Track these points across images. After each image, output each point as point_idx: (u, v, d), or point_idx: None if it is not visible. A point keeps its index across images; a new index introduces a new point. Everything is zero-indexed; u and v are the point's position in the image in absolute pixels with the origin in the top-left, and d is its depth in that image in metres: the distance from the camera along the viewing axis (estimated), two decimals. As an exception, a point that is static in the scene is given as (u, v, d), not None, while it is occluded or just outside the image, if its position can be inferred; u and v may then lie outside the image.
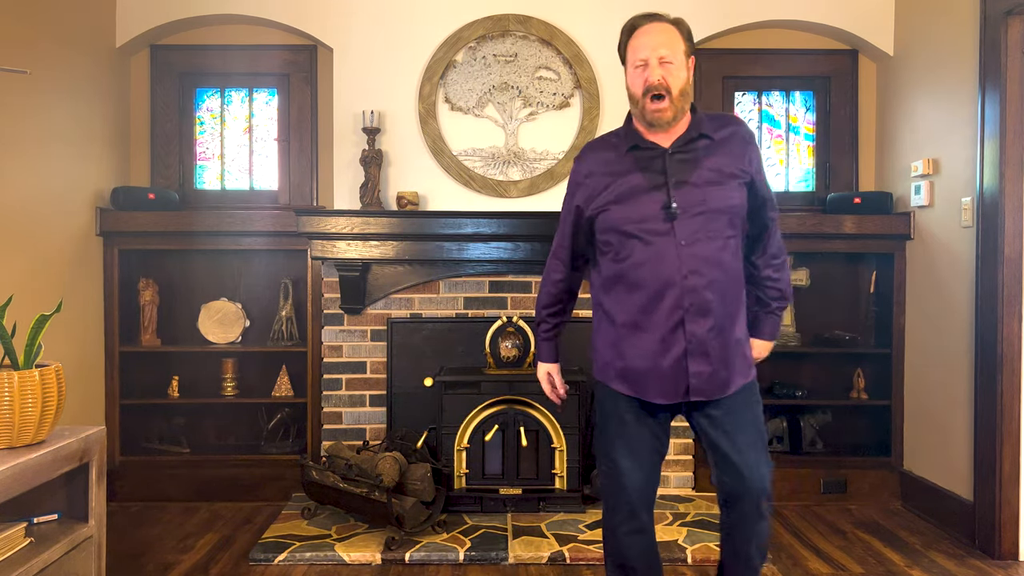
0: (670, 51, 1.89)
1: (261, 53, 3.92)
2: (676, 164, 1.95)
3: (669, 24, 1.94)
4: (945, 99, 3.38)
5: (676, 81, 1.89)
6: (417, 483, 3.20)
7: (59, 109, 3.28)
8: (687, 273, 1.90)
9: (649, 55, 1.89)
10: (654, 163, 1.96)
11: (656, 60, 1.89)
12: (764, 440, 2.05)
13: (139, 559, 2.96)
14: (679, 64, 1.91)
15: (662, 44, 1.89)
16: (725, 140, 1.97)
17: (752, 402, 2.03)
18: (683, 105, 1.93)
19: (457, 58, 3.73)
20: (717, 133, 1.97)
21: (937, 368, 3.45)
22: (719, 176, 1.94)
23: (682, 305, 1.91)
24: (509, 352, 3.51)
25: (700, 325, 1.92)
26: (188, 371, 3.85)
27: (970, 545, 3.13)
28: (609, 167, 2.00)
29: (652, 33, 1.91)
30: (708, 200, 1.91)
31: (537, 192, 3.71)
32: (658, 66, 1.89)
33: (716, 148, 1.96)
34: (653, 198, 1.92)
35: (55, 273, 3.27)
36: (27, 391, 1.89)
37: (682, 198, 1.91)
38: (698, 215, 1.90)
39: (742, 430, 1.99)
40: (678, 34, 1.94)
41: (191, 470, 3.67)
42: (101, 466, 2.12)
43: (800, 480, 3.71)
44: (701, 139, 1.97)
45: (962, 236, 3.25)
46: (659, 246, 1.91)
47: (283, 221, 3.65)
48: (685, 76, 1.92)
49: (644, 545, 2.05)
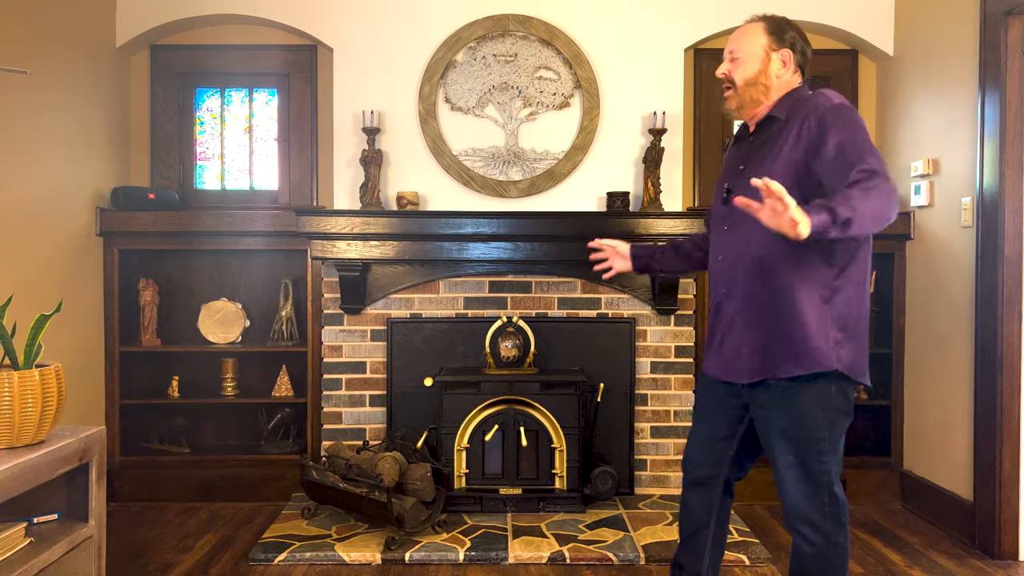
0: (739, 46, 2.05)
1: (261, 53, 3.92)
2: (748, 148, 2.08)
3: (755, 23, 2.08)
4: (945, 99, 3.38)
5: (741, 73, 2.04)
6: (417, 483, 3.20)
7: (59, 109, 3.28)
8: (720, 257, 2.06)
9: (726, 52, 2.10)
10: (740, 150, 2.12)
11: (728, 56, 2.08)
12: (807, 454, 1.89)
13: (139, 559, 2.96)
14: (748, 57, 2.03)
15: (734, 41, 2.08)
16: (788, 121, 1.96)
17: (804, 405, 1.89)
18: (752, 95, 2.04)
19: (457, 58, 3.73)
20: (783, 112, 2.00)
21: (937, 368, 3.45)
22: (773, 158, 1.93)
23: (718, 286, 2.07)
24: (509, 352, 3.51)
25: (732, 304, 2.02)
26: (188, 371, 3.85)
27: (970, 545, 3.13)
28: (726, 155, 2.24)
29: (734, 34, 2.10)
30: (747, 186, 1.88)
31: (537, 192, 3.71)
32: (728, 61, 2.08)
33: (780, 130, 1.97)
34: (724, 184, 2.10)
35: (55, 273, 3.27)
36: (27, 391, 1.89)
37: (736, 182, 2.03)
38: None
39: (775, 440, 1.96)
40: (761, 29, 2.05)
41: (191, 470, 3.67)
42: (101, 466, 2.12)
43: (800, 480, 3.71)
44: (772, 123, 2.02)
45: (962, 236, 3.25)
46: (715, 228, 2.12)
47: (283, 221, 3.65)
48: (756, 68, 2.03)
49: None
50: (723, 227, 2.07)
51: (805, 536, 1.94)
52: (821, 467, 1.92)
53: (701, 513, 2.18)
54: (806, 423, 1.91)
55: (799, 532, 1.95)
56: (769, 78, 2.02)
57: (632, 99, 3.70)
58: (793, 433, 1.93)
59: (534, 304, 3.69)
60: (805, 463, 1.92)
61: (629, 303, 3.67)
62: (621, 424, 3.64)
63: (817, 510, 1.92)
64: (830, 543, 1.92)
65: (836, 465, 1.95)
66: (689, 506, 2.20)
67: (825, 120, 1.87)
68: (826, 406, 1.92)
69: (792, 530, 1.98)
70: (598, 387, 3.55)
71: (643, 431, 3.67)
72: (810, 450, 1.92)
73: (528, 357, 3.55)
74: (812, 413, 1.91)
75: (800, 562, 1.98)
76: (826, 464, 1.92)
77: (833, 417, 1.93)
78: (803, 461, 1.92)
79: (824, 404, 1.92)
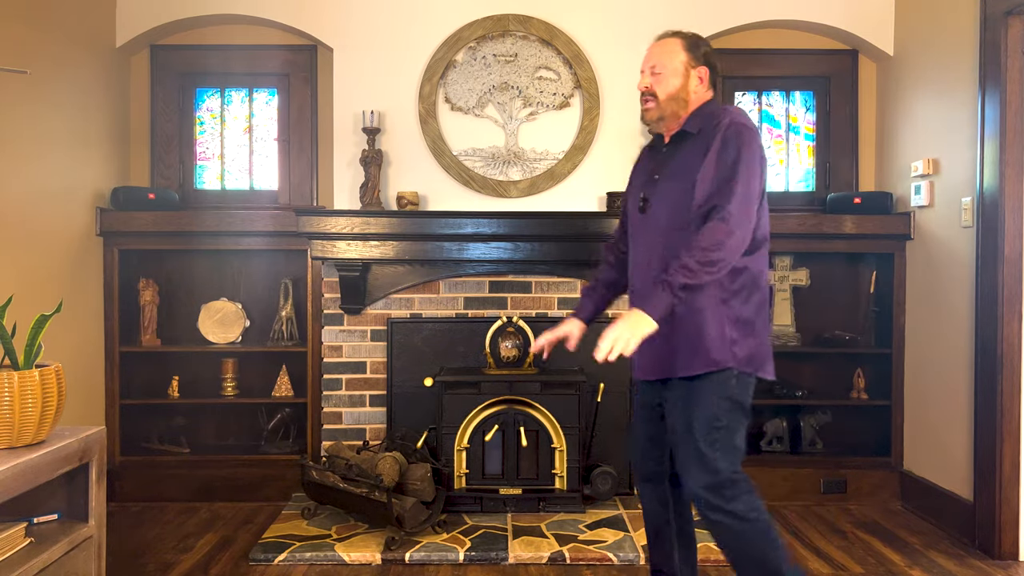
0: (660, 62, 2.16)
1: (261, 53, 3.92)
2: (657, 160, 2.22)
3: (673, 39, 2.19)
4: (945, 99, 3.38)
5: (663, 88, 2.14)
6: (417, 483, 3.20)
7: (59, 109, 3.28)
8: (639, 261, 2.19)
9: (644, 66, 2.20)
10: (654, 160, 2.25)
11: (648, 70, 2.18)
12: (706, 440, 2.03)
13: (139, 559, 2.96)
14: (669, 73, 2.15)
15: (652, 56, 2.18)
16: (699, 135, 2.11)
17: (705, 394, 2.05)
18: (673, 109, 2.15)
19: (457, 58, 3.73)
20: (696, 128, 2.13)
21: (937, 368, 3.45)
22: (680, 171, 2.10)
23: (634, 290, 2.22)
24: (509, 352, 3.51)
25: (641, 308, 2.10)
26: (188, 371, 3.85)
27: (970, 545, 3.13)
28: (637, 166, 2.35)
29: (652, 48, 2.21)
30: (666, 194, 2.12)
31: (537, 192, 3.71)
32: (648, 75, 2.17)
33: (691, 143, 2.12)
34: (639, 191, 2.23)
35: (55, 273, 3.27)
36: (27, 391, 1.89)
37: (652, 191, 2.17)
38: (657, 207, 2.14)
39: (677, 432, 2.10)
40: (678, 46, 2.17)
41: (191, 470, 3.67)
42: (101, 466, 2.12)
43: (800, 480, 3.71)
44: (686, 136, 2.15)
45: (962, 236, 3.25)
46: (634, 237, 2.23)
47: (283, 221, 3.65)
48: (678, 83, 2.14)
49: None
50: (637, 234, 2.21)
51: (715, 521, 2.04)
52: (718, 456, 2.03)
53: (657, 508, 2.32)
54: (704, 415, 2.04)
55: (709, 518, 2.05)
56: (688, 93, 2.15)
57: (632, 99, 3.67)
58: (692, 424, 2.05)
59: (534, 304, 3.69)
60: (703, 454, 2.03)
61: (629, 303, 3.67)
62: (621, 424, 3.64)
63: (718, 496, 2.02)
64: (741, 520, 2.01)
65: (734, 454, 2.06)
66: (644, 504, 2.36)
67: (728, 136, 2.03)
68: (722, 399, 2.05)
69: (705, 520, 2.07)
70: (598, 387, 3.55)
71: (643, 431, 3.67)
72: (706, 441, 2.04)
73: (528, 357, 3.55)
74: (709, 406, 2.05)
75: (722, 540, 2.08)
76: (722, 454, 2.03)
77: (729, 409, 2.05)
78: (701, 452, 2.03)
79: (721, 397, 2.05)
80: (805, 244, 3.73)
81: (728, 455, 2.04)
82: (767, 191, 2.11)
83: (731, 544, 2.06)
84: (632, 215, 2.25)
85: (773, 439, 3.85)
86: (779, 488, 3.71)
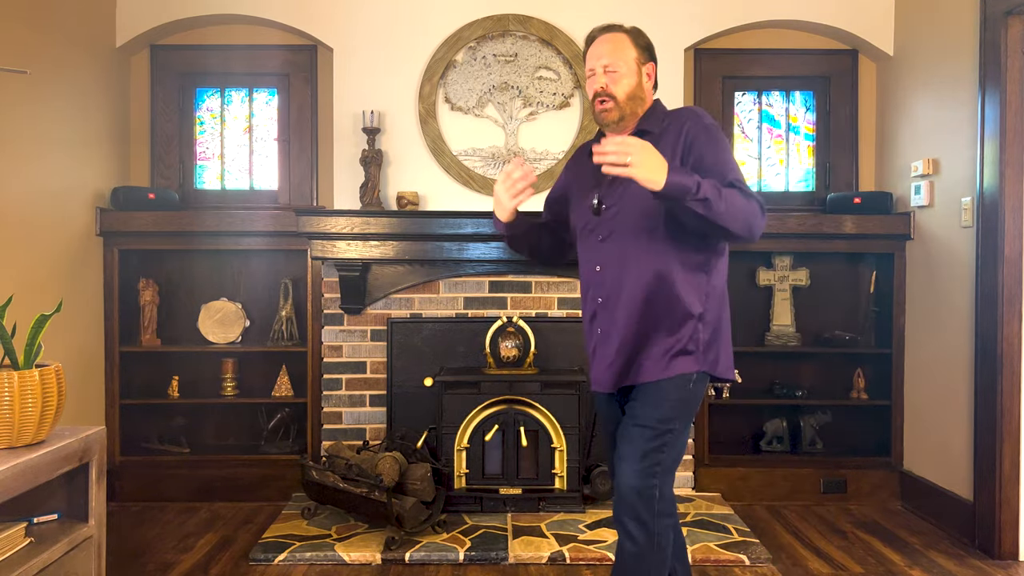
0: (614, 60, 2.02)
1: (261, 53, 3.92)
2: None
3: (621, 33, 2.07)
4: (945, 99, 3.38)
5: (621, 88, 2.02)
6: (417, 483, 3.20)
7: (59, 109, 3.28)
8: (600, 268, 2.05)
9: (595, 64, 2.04)
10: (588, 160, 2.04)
11: (601, 69, 2.03)
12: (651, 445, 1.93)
13: (139, 559, 2.96)
14: (625, 71, 2.03)
15: (607, 54, 2.03)
16: (663, 134, 2.00)
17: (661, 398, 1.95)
18: (632, 108, 2.04)
19: (457, 58, 3.73)
20: (658, 128, 2.02)
21: (937, 368, 3.45)
22: None
23: (596, 299, 2.07)
24: (509, 352, 3.51)
25: (606, 319, 2.04)
26: (188, 371, 3.85)
27: (970, 545, 3.13)
28: (579, 167, 2.18)
29: (601, 44, 2.06)
30: (628, 197, 1.98)
31: (537, 192, 3.69)
32: (603, 74, 2.03)
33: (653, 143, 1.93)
34: (590, 195, 2.06)
35: (55, 273, 3.27)
36: (27, 391, 1.89)
37: (609, 195, 2.03)
38: (618, 212, 2.00)
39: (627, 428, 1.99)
40: (629, 42, 2.05)
41: (191, 470, 3.67)
42: (101, 466, 2.12)
43: (800, 480, 3.71)
44: (643, 135, 2.01)
45: (962, 236, 3.25)
46: (586, 240, 2.10)
47: (283, 221, 3.65)
48: (634, 82, 2.03)
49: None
50: (598, 238, 2.05)
51: (630, 533, 1.93)
52: (660, 458, 1.94)
53: None
54: (660, 413, 1.95)
55: (624, 527, 1.94)
56: (643, 91, 2.06)
57: (632, 99, 3.69)
58: (644, 422, 1.96)
59: (534, 304, 3.69)
60: (643, 453, 1.93)
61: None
62: (621, 424, 3.64)
63: (647, 506, 1.92)
64: (653, 544, 1.92)
65: (672, 462, 1.98)
66: None
67: (700, 137, 1.95)
68: (681, 399, 1.98)
69: (619, 526, 1.96)
70: (598, 387, 3.54)
71: (643, 431, 3.67)
72: (653, 441, 1.94)
73: (528, 357, 3.55)
74: (668, 404, 1.97)
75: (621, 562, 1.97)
76: (664, 455, 1.95)
77: (683, 410, 1.99)
78: (642, 452, 1.93)
79: (680, 396, 1.98)
80: (805, 244, 3.73)
81: (669, 459, 1.95)
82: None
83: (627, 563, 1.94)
84: (585, 219, 2.09)
85: (773, 439, 3.85)
86: (779, 488, 3.71)
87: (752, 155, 4.05)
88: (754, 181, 4.03)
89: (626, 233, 1.99)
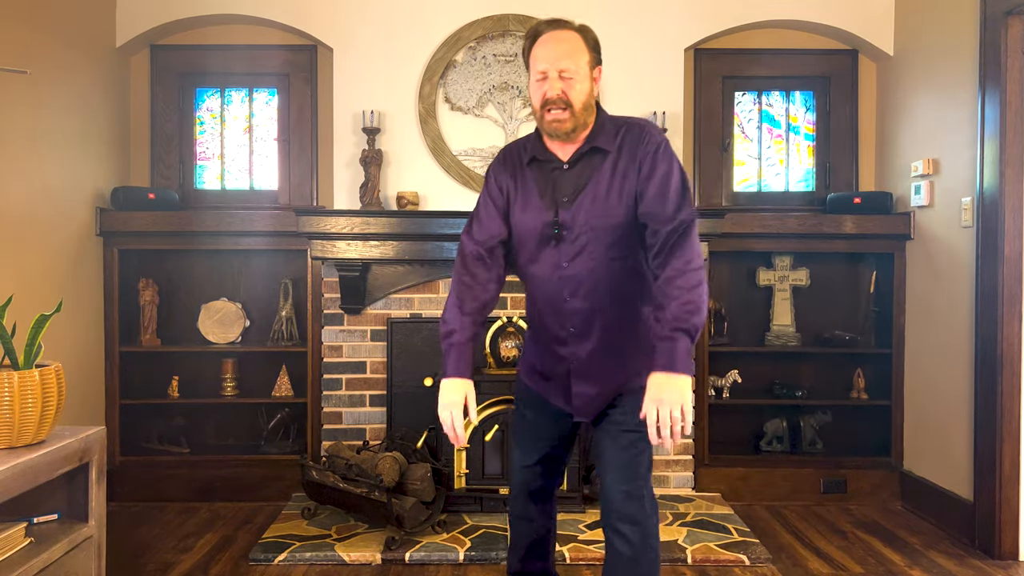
0: (571, 63, 1.84)
1: (261, 53, 3.92)
2: (568, 179, 1.90)
3: (573, 32, 1.88)
4: (945, 99, 3.38)
5: (577, 95, 1.84)
6: (417, 483, 3.20)
7: (59, 109, 3.28)
8: (567, 296, 1.91)
9: (548, 68, 1.84)
10: (548, 177, 1.92)
11: (556, 73, 1.84)
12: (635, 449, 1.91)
13: (139, 559, 2.96)
14: (581, 76, 1.85)
15: (563, 56, 1.84)
16: (620, 151, 1.88)
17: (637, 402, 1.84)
18: (585, 118, 1.87)
19: (457, 58, 3.73)
20: (612, 144, 1.88)
21: (937, 368, 3.45)
22: (606, 192, 1.86)
23: (565, 327, 1.94)
24: (509, 352, 3.51)
25: (582, 348, 1.94)
26: (188, 371, 3.85)
27: (970, 545, 3.13)
28: (515, 180, 1.97)
29: (554, 43, 1.85)
30: (591, 219, 1.86)
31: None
32: (558, 79, 1.84)
33: (610, 161, 1.87)
34: (544, 216, 1.90)
35: (55, 273, 3.27)
36: (27, 391, 1.89)
37: (568, 216, 1.87)
38: (581, 234, 1.87)
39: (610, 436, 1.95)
40: (582, 43, 1.87)
41: (191, 470, 3.67)
42: (101, 466, 2.12)
43: (800, 480, 3.71)
44: (596, 152, 1.89)
45: (962, 236, 3.25)
46: (545, 264, 1.92)
47: (283, 221, 3.65)
48: (588, 88, 1.87)
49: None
50: (562, 263, 1.90)
51: (625, 536, 1.88)
52: (644, 461, 1.93)
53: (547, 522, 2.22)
54: (637, 418, 1.84)
55: (619, 532, 1.89)
56: (593, 98, 1.89)
57: (632, 99, 3.69)
58: (628, 427, 1.92)
59: (534, 304, 3.68)
60: (632, 458, 1.91)
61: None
62: (621, 424, 3.64)
63: (638, 507, 1.89)
64: (647, 545, 1.89)
65: (651, 461, 1.98)
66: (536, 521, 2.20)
67: (658, 155, 1.84)
68: None
69: (611, 531, 1.91)
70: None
71: (643, 431, 3.67)
72: (635, 445, 1.91)
73: (528, 357, 3.54)
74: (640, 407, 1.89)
75: (615, 567, 1.91)
76: (646, 456, 1.93)
77: None
78: (631, 456, 1.91)
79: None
80: (805, 244, 3.73)
81: (649, 459, 1.95)
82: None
83: (623, 568, 1.89)
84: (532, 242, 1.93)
85: (773, 439, 3.85)
86: (779, 488, 3.71)
87: (752, 155, 4.05)
88: (754, 181, 4.03)
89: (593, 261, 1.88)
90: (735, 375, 3.80)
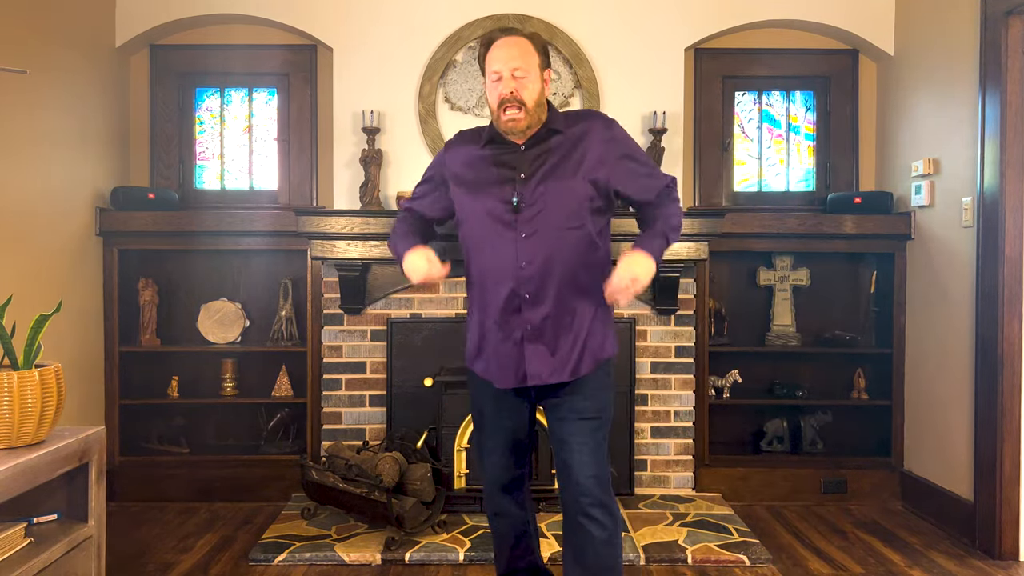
0: (523, 64, 2.02)
1: (261, 53, 3.91)
2: (525, 158, 2.08)
3: (523, 38, 2.07)
4: (945, 99, 3.38)
5: (530, 94, 2.03)
6: (417, 483, 3.20)
7: (59, 109, 3.27)
8: (524, 264, 2.05)
9: (502, 68, 2.02)
10: (506, 158, 2.09)
11: (509, 73, 2.02)
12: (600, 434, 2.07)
13: (139, 559, 2.96)
14: (533, 77, 2.04)
15: (515, 58, 2.02)
16: (579, 136, 2.07)
17: (595, 388, 2.08)
18: (539, 115, 2.06)
19: (457, 58, 3.73)
20: (570, 129, 2.08)
21: (937, 368, 3.45)
22: (564, 171, 2.04)
23: (519, 293, 2.06)
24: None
25: (536, 312, 2.06)
26: (188, 371, 3.85)
27: (970, 545, 3.13)
28: (469, 160, 2.16)
29: (506, 47, 2.04)
30: (549, 194, 2.02)
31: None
32: (511, 79, 2.02)
33: (568, 144, 2.06)
34: (501, 192, 2.06)
35: (55, 273, 3.27)
36: (27, 391, 1.89)
37: (527, 192, 2.04)
38: (541, 209, 2.03)
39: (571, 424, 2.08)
40: (532, 48, 2.06)
41: (191, 470, 3.67)
42: (101, 466, 2.12)
43: (800, 480, 3.71)
44: (553, 135, 2.08)
45: (962, 236, 3.25)
46: (503, 238, 2.06)
47: (283, 221, 3.65)
48: (539, 88, 2.06)
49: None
50: (520, 235, 2.04)
51: (598, 520, 2.03)
52: (605, 445, 2.10)
53: (520, 513, 2.34)
54: (598, 404, 2.08)
55: (592, 517, 2.03)
56: (544, 97, 2.09)
57: (632, 99, 3.70)
58: (589, 414, 2.07)
59: (534, 304, 3.68)
60: (596, 443, 2.06)
61: (629, 303, 3.67)
62: (621, 424, 3.63)
63: (606, 491, 2.04)
64: (617, 524, 2.06)
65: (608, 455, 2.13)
66: (511, 514, 2.33)
67: (616, 138, 2.09)
68: (608, 387, 2.13)
69: (584, 517, 2.04)
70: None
71: (643, 431, 3.67)
72: (599, 431, 2.08)
73: (528, 357, 3.54)
74: (602, 394, 2.11)
75: (592, 550, 2.04)
76: (606, 441, 2.11)
77: (610, 394, 2.14)
78: (595, 442, 2.06)
79: (606, 385, 2.13)
80: (805, 244, 3.73)
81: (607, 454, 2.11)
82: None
83: (601, 551, 2.04)
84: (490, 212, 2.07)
85: (773, 439, 3.85)
86: (779, 488, 3.71)
87: (752, 155, 4.05)
88: (754, 181, 4.03)
89: (550, 231, 2.03)
90: (735, 375, 3.80)
